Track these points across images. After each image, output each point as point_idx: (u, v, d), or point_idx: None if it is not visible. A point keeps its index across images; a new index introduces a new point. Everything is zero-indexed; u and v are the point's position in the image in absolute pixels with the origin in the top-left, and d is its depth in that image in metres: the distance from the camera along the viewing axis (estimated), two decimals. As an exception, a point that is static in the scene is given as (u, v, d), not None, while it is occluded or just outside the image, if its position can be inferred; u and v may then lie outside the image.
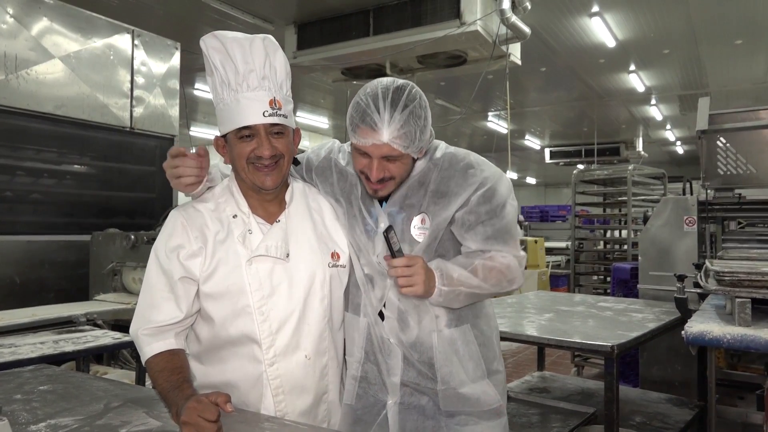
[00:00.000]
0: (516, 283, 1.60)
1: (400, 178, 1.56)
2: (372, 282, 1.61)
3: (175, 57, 5.04)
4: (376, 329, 1.62)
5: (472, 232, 1.56)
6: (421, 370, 1.60)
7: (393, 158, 1.49)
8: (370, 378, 1.65)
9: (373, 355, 1.63)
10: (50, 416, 1.37)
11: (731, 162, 3.47)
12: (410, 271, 1.44)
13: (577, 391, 3.49)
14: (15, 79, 3.94)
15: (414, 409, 1.63)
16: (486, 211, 1.55)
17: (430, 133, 1.58)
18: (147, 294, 1.51)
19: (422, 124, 1.49)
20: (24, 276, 4.03)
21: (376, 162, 1.48)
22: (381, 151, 1.47)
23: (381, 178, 1.50)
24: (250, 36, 1.49)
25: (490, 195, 1.56)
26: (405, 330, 1.59)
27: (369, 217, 1.62)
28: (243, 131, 1.47)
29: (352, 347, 1.66)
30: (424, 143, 1.54)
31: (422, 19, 6.11)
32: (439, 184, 1.58)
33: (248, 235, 1.52)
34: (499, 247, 1.56)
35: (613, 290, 4.97)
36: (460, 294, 1.52)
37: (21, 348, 2.42)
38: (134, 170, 4.78)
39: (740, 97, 10.95)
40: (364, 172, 1.53)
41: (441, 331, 1.59)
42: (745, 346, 1.95)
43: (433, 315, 1.58)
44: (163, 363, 1.42)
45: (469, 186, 1.56)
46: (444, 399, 1.59)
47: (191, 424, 1.17)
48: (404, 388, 1.62)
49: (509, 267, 1.57)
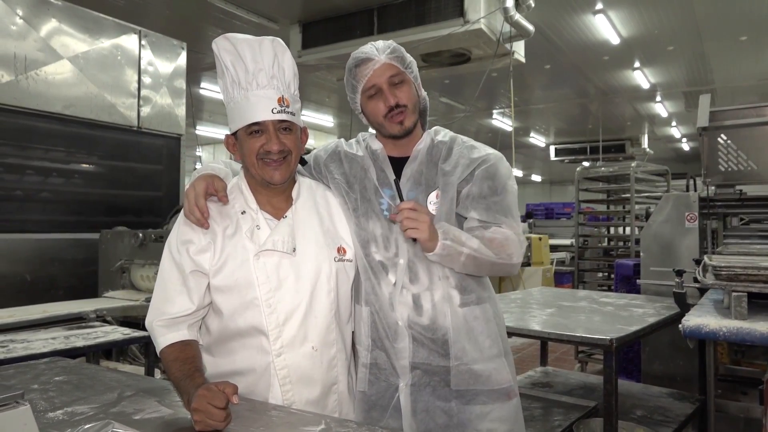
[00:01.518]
0: (514, 257, 1.63)
1: (413, 108, 1.68)
2: (385, 269, 1.68)
3: (181, 57, 5.11)
4: (380, 316, 1.68)
5: (475, 203, 1.64)
6: (432, 349, 1.65)
7: (397, 83, 1.65)
8: (380, 364, 1.70)
9: (380, 342, 1.69)
10: (67, 404, 1.43)
11: (732, 159, 3.50)
12: (416, 214, 1.50)
13: (579, 385, 3.53)
14: (24, 80, 4.00)
15: (426, 390, 1.67)
16: (489, 186, 1.65)
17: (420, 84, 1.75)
18: (161, 287, 1.57)
19: (410, 59, 1.69)
20: (34, 274, 4.10)
21: (386, 88, 1.64)
22: (384, 74, 1.64)
23: (396, 104, 1.64)
24: (260, 38, 1.56)
25: (493, 171, 1.67)
26: (420, 313, 1.65)
27: (385, 196, 1.71)
28: (252, 127, 1.53)
29: (359, 336, 1.72)
30: (416, 74, 1.71)
31: (426, 17, 6.16)
32: (446, 159, 1.70)
33: (256, 231, 1.57)
34: (501, 221, 1.63)
35: (616, 286, 4.99)
36: (461, 254, 1.56)
37: (33, 343, 2.48)
38: (142, 169, 4.84)
39: (746, 94, 10.93)
40: (383, 115, 1.66)
41: (455, 310, 1.65)
42: (740, 338, 1.99)
43: (447, 295, 1.65)
44: (176, 353, 1.48)
45: (473, 161, 1.68)
46: (456, 376, 1.64)
47: (201, 411, 1.23)
48: (415, 371, 1.67)
49: (508, 239, 1.62)
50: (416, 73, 1.72)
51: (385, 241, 1.69)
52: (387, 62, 1.64)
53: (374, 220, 1.70)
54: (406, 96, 1.66)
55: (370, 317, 1.70)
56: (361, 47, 1.71)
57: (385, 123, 1.68)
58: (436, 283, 1.65)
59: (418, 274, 1.66)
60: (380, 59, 1.64)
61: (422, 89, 1.76)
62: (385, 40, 1.73)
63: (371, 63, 1.65)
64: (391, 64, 1.65)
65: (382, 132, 1.72)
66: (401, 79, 1.66)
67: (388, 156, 1.75)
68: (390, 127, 1.68)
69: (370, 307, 1.70)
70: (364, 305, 1.71)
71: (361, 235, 1.70)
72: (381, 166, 1.74)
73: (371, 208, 1.71)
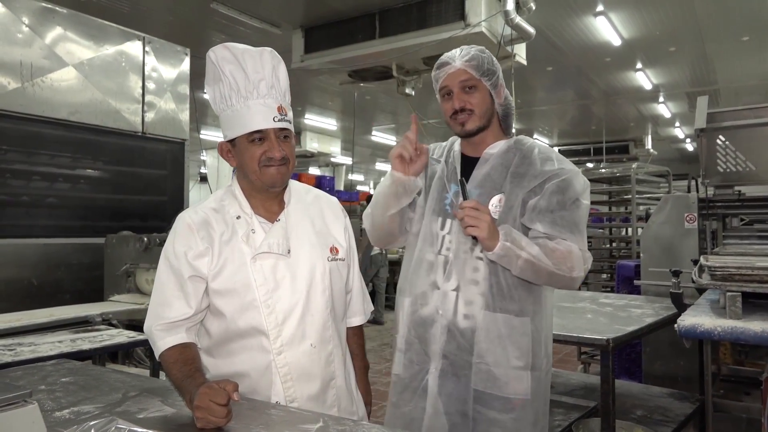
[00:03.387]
0: (576, 271, 1.66)
1: (480, 113, 1.77)
2: (431, 265, 1.82)
3: (185, 62, 5.15)
4: (420, 305, 1.82)
5: (541, 216, 1.69)
6: (461, 344, 1.75)
7: (469, 88, 1.75)
8: (414, 348, 1.84)
9: (414, 330, 1.84)
10: (73, 404, 1.48)
11: (731, 159, 3.52)
12: (477, 213, 1.58)
13: (580, 386, 3.56)
14: (30, 87, 4.05)
15: (451, 379, 1.77)
16: (558, 200, 1.68)
17: (504, 87, 1.83)
18: (159, 293, 1.61)
19: (491, 63, 1.77)
20: (41, 278, 4.14)
21: (456, 91, 1.76)
22: (457, 78, 1.76)
23: (462, 108, 1.75)
24: (259, 48, 1.61)
25: (565, 187, 1.70)
26: (455, 309, 1.76)
27: (450, 192, 1.83)
28: (254, 135, 1.57)
29: (398, 324, 1.90)
30: (496, 82, 1.79)
31: (427, 21, 6.19)
32: (518, 166, 1.76)
33: (251, 234, 1.61)
34: (565, 236, 1.66)
35: (618, 287, 5.01)
36: (520, 258, 1.61)
37: (41, 346, 2.52)
38: (146, 174, 4.89)
39: (750, 93, 10.92)
40: (449, 116, 1.79)
41: (486, 313, 1.73)
42: (735, 338, 2.02)
43: (477, 297, 1.74)
44: (176, 355, 1.52)
45: (545, 173, 1.72)
46: (476, 374, 1.73)
47: (203, 408, 1.27)
48: (444, 360, 1.78)
49: (571, 253, 1.65)
50: (496, 81, 1.79)
51: (434, 237, 1.83)
52: (461, 67, 1.76)
53: (434, 217, 1.85)
54: (476, 101, 1.76)
55: (411, 307, 1.85)
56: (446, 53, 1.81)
57: (450, 122, 1.81)
58: (465, 285, 1.75)
59: (451, 274, 1.77)
60: (455, 65, 1.76)
61: (503, 94, 1.83)
62: (387, 44, 1.80)
63: (447, 67, 1.78)
64: (465, 69, 1.75)
65: (451, 129, 1.85)
66: (472, 85, 1.76)
67: (464, 154, 1.88)
68: (454, 127, 1.81)
69: (412, 298, 1.85)
70: (407, 296, 1.87)
71: (423, 231, 1.86)
72: (453, 163, 1.88)
73: (434, 206, 1.86)
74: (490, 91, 1.79)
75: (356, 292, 1.85)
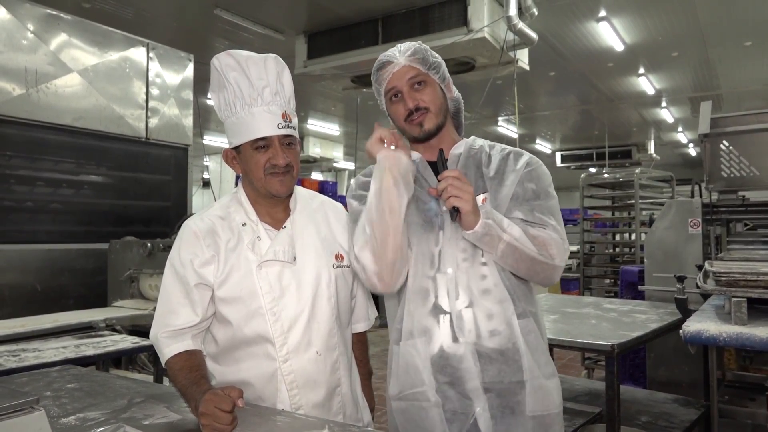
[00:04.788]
0: (557, 259, 1.53)
1: (436, 110, 1.63)
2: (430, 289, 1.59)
3: (188, 68, 5.18)
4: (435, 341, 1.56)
5: (519, 203, 1.59)
6: (502, 368, 1.54)
7: (419, 85, 1.62)
8: (450, 397, 1.56)
9: (442, 374, 1.56)
10: (79, 410, 1.48)
11: (734, 165, 3.51)
12: (460, 184, 1.46)
13: (584, 392, 3.54)
14: (35, 93, 4.08)
15: (506, 414, 1.54)
16: (533, 189, 1.60)
17: (451, 81, 1.70)
18: (165, 300, 1.61)
19: (435, 56, 1.66)
20: (45, 283, 4.15)
21: (406, 90, 1.61)
22: (404, 76, 1.61)
23: (417, 107, 1.61)
24: (263, 55, 1.62)
25: (536, 176, 1.63)
26: (487, 319, 1.55)
27: (428, 199, 1.63)
28: (258, 142, 1.57)
29: (417, 376, 1.58)
30: (444, 75, 1.66)
31: (430, 26, 6.22)
32: (495, 165, 1.66)
33: (257, 242, 1.62)
34: (544, 224, 1.56)
35: (621, 293, 5.00)
36: (501, 239, 1.48)
37: (45, 352, 2.53)
38: (150, 179, 4.90)
39: (753, 98, 10.92)
40: (404, 118, 1.63)
41: (517, 321, 1.56)
42: (740, 344, 2.01)
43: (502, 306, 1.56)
44: (182, 362, 1.52)
45: (520, 165, 1.64)
46: (531, 394, 1.54)
47: (208, 415, 1.27)
48: (489, 394, 1.54)
49: (552, 239, 1.53)
50: (443, 74, 1.67)
51: (432, 256, 1.59)
52: (407, 64, 1.62)
53: (423, 234, 1.61)
54: (429, 98, 1.62)
55: (426, 348, 1.57)
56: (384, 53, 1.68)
57: (405, 126, 1.65)
58: (479, 298, 1.56)
59: (459, 290, 1.56)
60: (400, 61, 1.62)
61: (453, 89, 1.72)
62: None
63: (391, 66, 1.63)
64: (410, 66, 1.62)
65: (407, 135, 1.68)
66: (422, 80, 1.62)
67: (428, 162, 1.69)
68: (411, 130, 1.65)
69: (425, 338, 1.57)
70: (416, 337, 1.58)
71: (416, 252, 1.60)
72: (422, 174, 1.66)
73: (419, 221, 1.63)
74: (440, 86, 1.67)
75: (360, 299, 1.85)
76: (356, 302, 1.84)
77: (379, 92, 1.70)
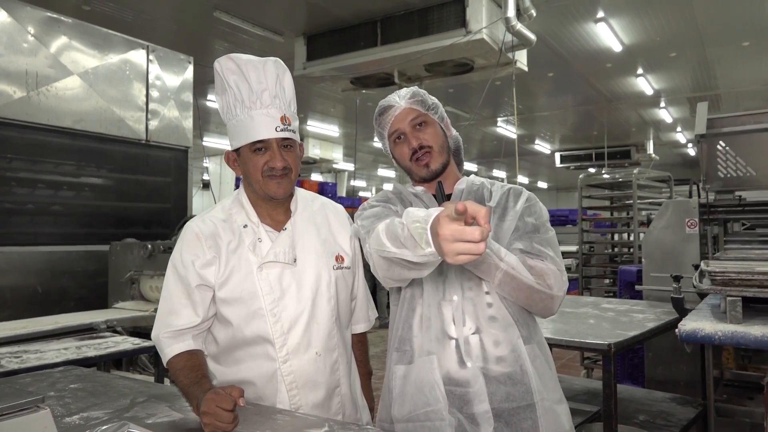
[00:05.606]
0: (555, 289, 1.54)
1: (439, 149, 1.68)
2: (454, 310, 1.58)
3: (188, 70, 5.20)
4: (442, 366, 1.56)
5: (519, 236, 1.62)
6: (509, 391, 1.53)
7: (420, 125, 1.68)
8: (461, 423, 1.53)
9: (451, 399, 1.54)
10: (82, 410, 1.50)
11: (731, 165, 3.53)
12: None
13: (583, 391, 3.56)
14: (36, 96, 4.10)
15: None
16: (532, 223, 1.64)
17: (450, 124, 1.77)
18: (166, 301, 1.63)
19: (433, 101, 1.73)
20: (46, 285, 4.17)
21: (409, 131, 1.67)
22: (406, 118, 1.68)
23: (420, 146, 1.66)
24: (263, 58, 1.64)
25: (535, 210, 1.67)
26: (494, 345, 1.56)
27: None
28: (257, 144, 1.60)
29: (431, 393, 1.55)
30: (442, 115, 1.73)
31: (429, 28, 6.25)
32: (497, 199, 1.69)
33: (258, 243, 1.64)
34: (543, 252, 1.57)
35: (620, 293, 5.02)
36: (499, 268, 1.49)
37: (46, 354, 2.54)
38: (150, 181, 4.92)
39: (751, 98, 10.95)
40: (408, 159, 1.68)
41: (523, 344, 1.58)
42: (735, 342, 2.03)
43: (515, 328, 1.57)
44: (183, 362, 1.54)
45: (520, 200, 1.68)
46: (543, 416, 1.54)
47: (210, 413, 1.29)
48: (498, 421, 1.51)
49: (550, 269, 1.55)
50: (442, 114, 1.74)
51: (442, 282, 1.60)
52: (407, 107, 1.68)
53: None
54: (431, 137, 1.68)
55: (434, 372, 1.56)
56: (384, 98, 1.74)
57: (412, 167, 1.69)
58: (485, 325, 1.56)
59: (465, 317, 1.56)
60: (401, 105, 1.69)
61: (451, 129, 1.78)
62: (389, 51, 1.74)
63: (393, 110, 1.69)
64: (412, 108, 1.68)
65: (413, 177, 1.73)
66: (423, 121, 1.68)
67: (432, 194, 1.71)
68: (417, 170, 1.68)
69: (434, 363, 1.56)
70: (426, 355, 1.57)
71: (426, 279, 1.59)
72: (427, 205, 1.67)
73: None
74: (440, 125, 1.73)
75: (361, 299, 1.87)
76: (356, 303, 1.86)
77: (382, 136, 1.76)
